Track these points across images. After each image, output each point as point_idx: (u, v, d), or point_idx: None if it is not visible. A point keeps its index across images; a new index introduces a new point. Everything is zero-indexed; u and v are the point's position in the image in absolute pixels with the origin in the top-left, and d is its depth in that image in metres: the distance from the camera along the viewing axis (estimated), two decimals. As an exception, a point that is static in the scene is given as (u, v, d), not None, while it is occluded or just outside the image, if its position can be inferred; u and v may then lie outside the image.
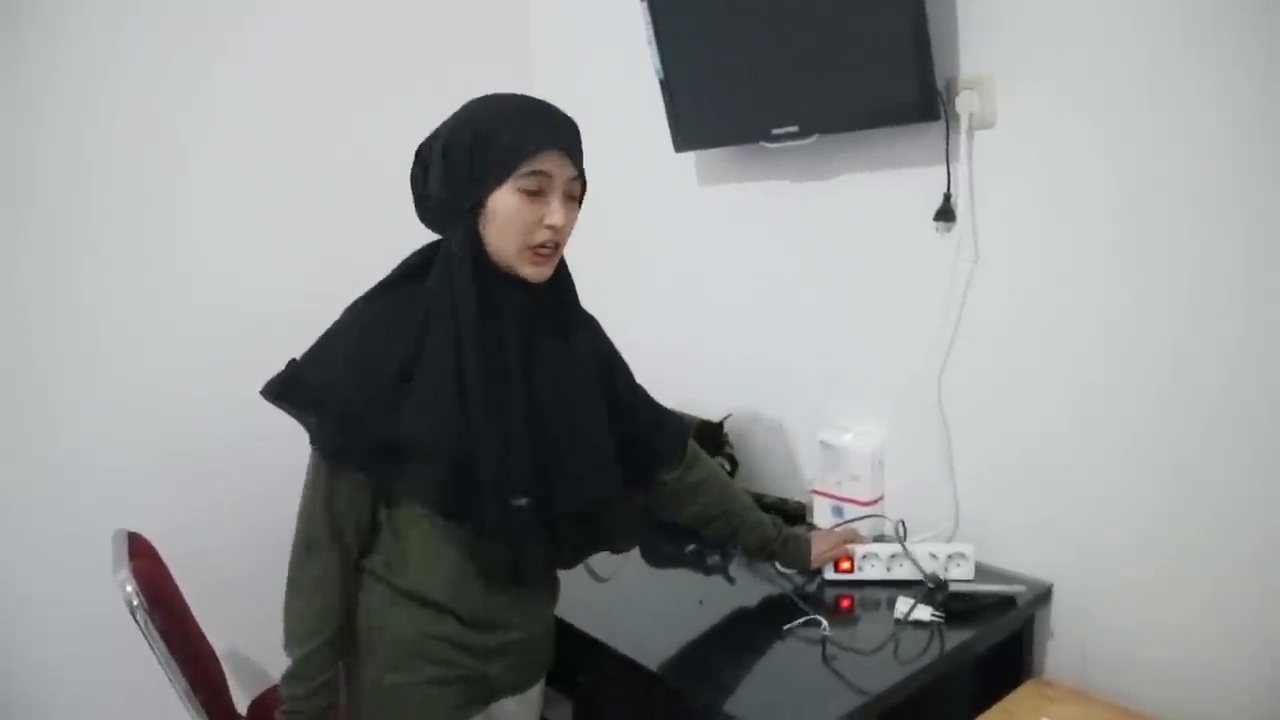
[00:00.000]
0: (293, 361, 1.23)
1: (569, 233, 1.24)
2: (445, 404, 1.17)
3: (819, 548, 1.62)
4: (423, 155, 1.24)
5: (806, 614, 1.49)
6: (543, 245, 1.19)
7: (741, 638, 1.49)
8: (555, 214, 1.18)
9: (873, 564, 1.63)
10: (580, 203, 1.26)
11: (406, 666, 1.28)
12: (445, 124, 1.22)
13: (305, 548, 1.25)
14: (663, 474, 1.46)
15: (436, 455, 1.18)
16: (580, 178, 1.23)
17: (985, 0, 1.55)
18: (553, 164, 1.17)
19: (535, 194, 1.17)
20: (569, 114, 1.22)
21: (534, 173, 1.16)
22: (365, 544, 1.29)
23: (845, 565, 1.63)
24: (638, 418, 1.42)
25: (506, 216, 1.16)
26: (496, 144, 1.16)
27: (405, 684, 1.28)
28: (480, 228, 1.18)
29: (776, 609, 1.55)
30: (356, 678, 1.31)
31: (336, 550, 1.25)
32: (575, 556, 1.35)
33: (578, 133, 1.22)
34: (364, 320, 1.22)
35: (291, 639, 1.26)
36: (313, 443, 1.22)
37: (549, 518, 1.25)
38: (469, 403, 1.17)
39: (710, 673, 1.38)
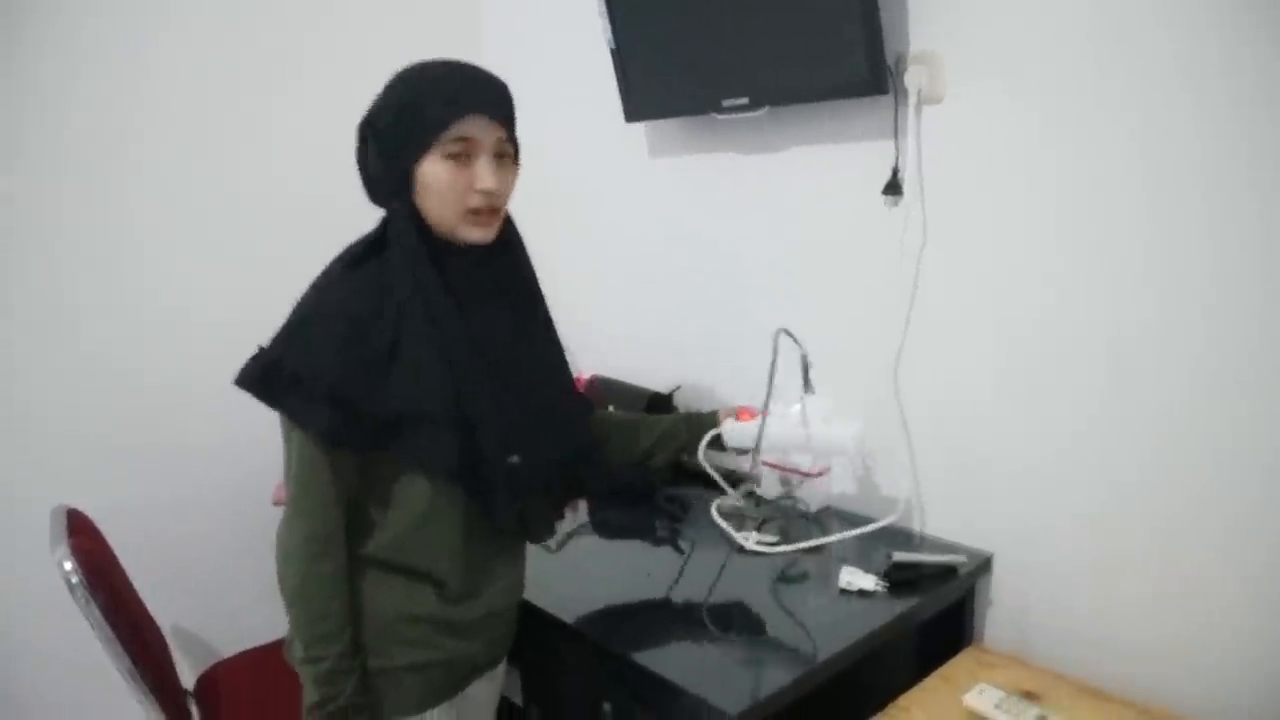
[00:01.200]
0: (263, 349, 1.18)
1: (507, 194, 1.24)
2: (437, 372, 1.18)
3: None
4: (362, 132, 1.22)
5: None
6: (478, 209, 1.19)
7: (688, 608, 1.50)
8: (485, 178, 1.17)
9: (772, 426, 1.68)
10: (516, 162, 1.25)
11: (383, 651, 1.26)
12: (376, 99, 1.21)
13: (317, 544, 1.19)
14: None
15: (441, 421, 1.18)
16: (510, 138, 1.22)
17: (934, -26, 1.55)
18: (476, 128, 1.16)
19: (463, 159, 1.17)
20: (499, 77, 1.21)
21: (458, 139, 1.16)
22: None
23: (745, 415, 1.71)
24: None
25: (437, 185, 1.17)
26: (419, 114, 1.16)
27: (380, 669, 1.26)
28: (417, 199, 1.18)
29: (724, 578, 1.58)
30: None
31: (342, 540, 1.22)
32: (558, 507, 1.41)
33: (503, 93, 1.21)
34: (339, 299, 1.18)
35: (320, 640, 1.19)
36: (303, 428, 1.16)
37: (540, 471, 1.29)
38: (455, 370, 1.19)
39: (656, 642, 1.39)
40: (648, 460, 1.65)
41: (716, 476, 1.76)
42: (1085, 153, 1.43)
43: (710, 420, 1.70)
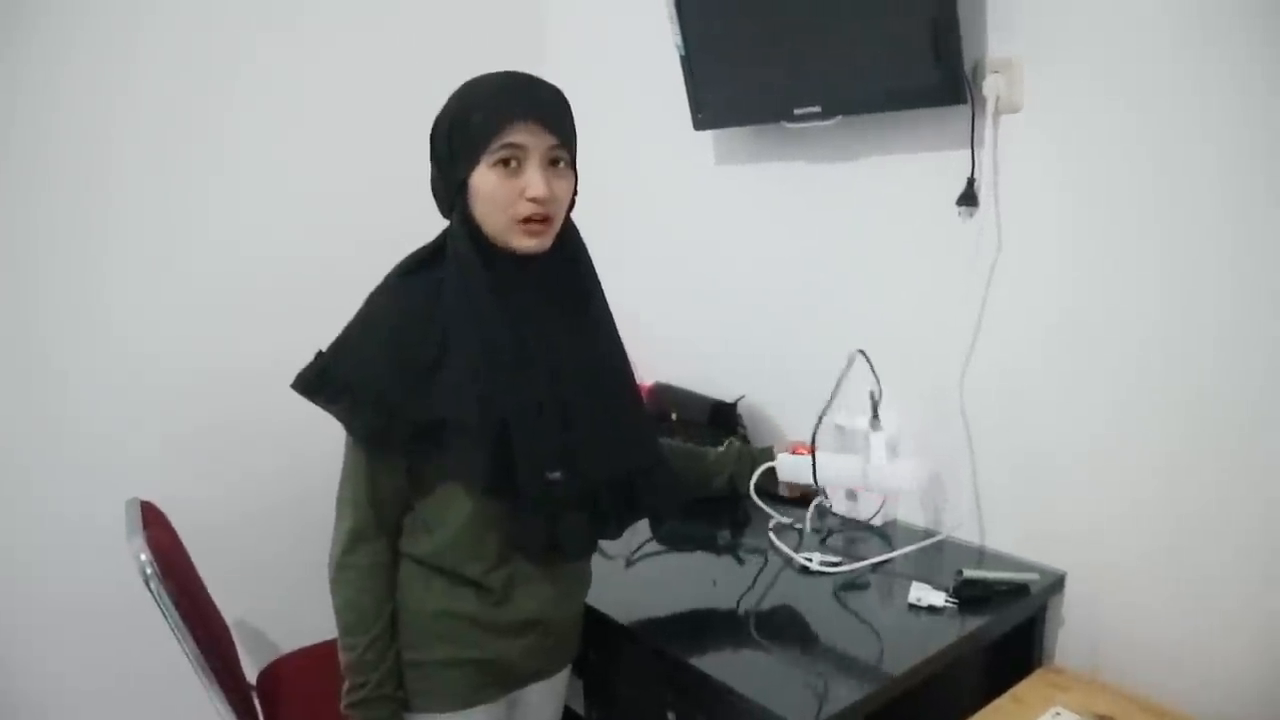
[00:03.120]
0: (320, 353, 1.22)
1: (563, 201, 1.23)
2: (478, 381, 1.19)
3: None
4: (430, 149, 1.25)
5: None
6: (530, 217, 1.18)
7: (754, 619, 1.49)
8: (534, 185, 1.16)
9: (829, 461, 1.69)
10: (573, 169, 1.24)
11: (423, 645, 1.29)
12: (436, 116, 1.24)
13: (352, 538, 1.25)
14: None
15: (477, 431, 1.19)
16: (563, 145, 1.20)
17: (1015, -19, 1.53)
18: (525, 135, 1.16)
19: (512, 167, 1.17)
20: (553, 85, 1.21)
21: (506, 145, 1.16)
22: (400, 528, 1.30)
23: (801, 450, 1.72)
24: None
25: (487, 193, 1.17)
26: (469, 125, 1.17)
27: (421, 662, 1.29)
28: (471, 208, 1.19)
29: (790, 590, 1.56)
30: None
31: (383, 537, 1.27)
32: (619, 526, 1.38)
33: (554, 100, 1.21)
34: (390, 307, 1.22)
35: (351, 630, 1.25)
36: (350, 431, 1.22)
37: (586, 489, 1.28)
38: (497, 378, 1.19)
39: (721, 652, 1.38)
40: (700, 491, 1.67)
41: (768, 509, 1.74)
42: (1167, 165, 1.39)
43: (764, 455, 1.70)
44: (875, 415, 1.70)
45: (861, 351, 1.67)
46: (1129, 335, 1.46)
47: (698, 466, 1.70)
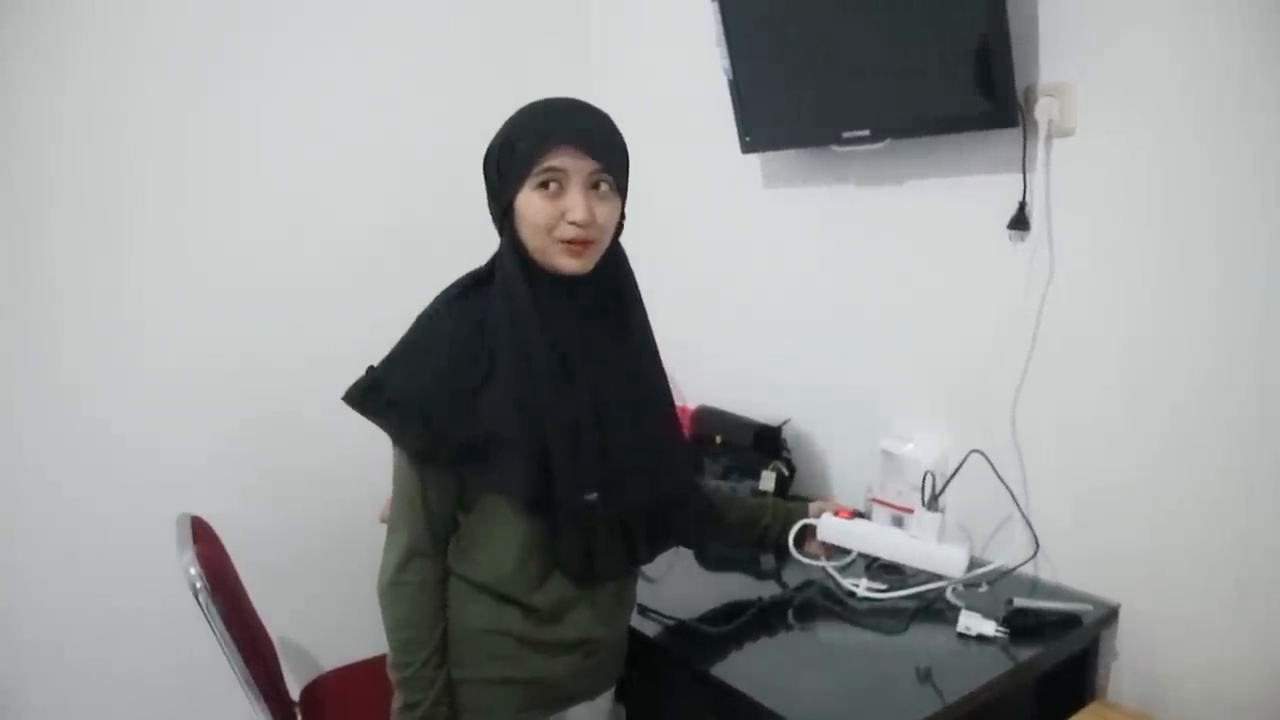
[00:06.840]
0: (371, 368, 1.25)
1: (606, 225, 1.23)
2: (522, 400, 1.20)
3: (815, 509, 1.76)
4: None
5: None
6: (573, 240, 1.19)
7: (800, 645, 1.47)
8: (575, 209, 1.17)
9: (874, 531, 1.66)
10: (620, 193, 1.25)
11: (471, 662, 1.29)
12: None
13: (404, 554, 1.26)
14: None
15: (520, 449, 1.20)
16: (606, 169, 1.20)
17: (1067, 5, 1.51)
18: (567, 159, 1.17)
19: (554, 190, 1.18)
20: (599, 110, 1.23)
21: (547, 169, 1.17)
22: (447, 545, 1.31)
23: (843, 513, 1.69)
24: None
25: (530, 215, 1.19)
26: (514, 149, 1.19)
27: (468, 680, 1.29)
28: (517, 230, 1.21)
29: (837, 616, 1.54)
30: None
31: (435, 553, 1.28)
32: (651, 552, 1.38)
33: (599, 126, 1.22)
34: (438, 329, 1.25)
35: (406, 647, 1.26)
36: (398, 445, 1.24)
37: (620, 513, 1.29)
38: (538, 396, 1.20)
39: (767, 678, 1.36)
40: (732, 537, 1.65)
41: (808, 561, 1.70)
42: (1226, 189, 1.37)
43: (799, 510, 1.67)
44: (935, 498, 1.67)
45: (979, 451, 1.64)
46: (1187, 363, 1.44)
47: (732, 511, 1.66)
